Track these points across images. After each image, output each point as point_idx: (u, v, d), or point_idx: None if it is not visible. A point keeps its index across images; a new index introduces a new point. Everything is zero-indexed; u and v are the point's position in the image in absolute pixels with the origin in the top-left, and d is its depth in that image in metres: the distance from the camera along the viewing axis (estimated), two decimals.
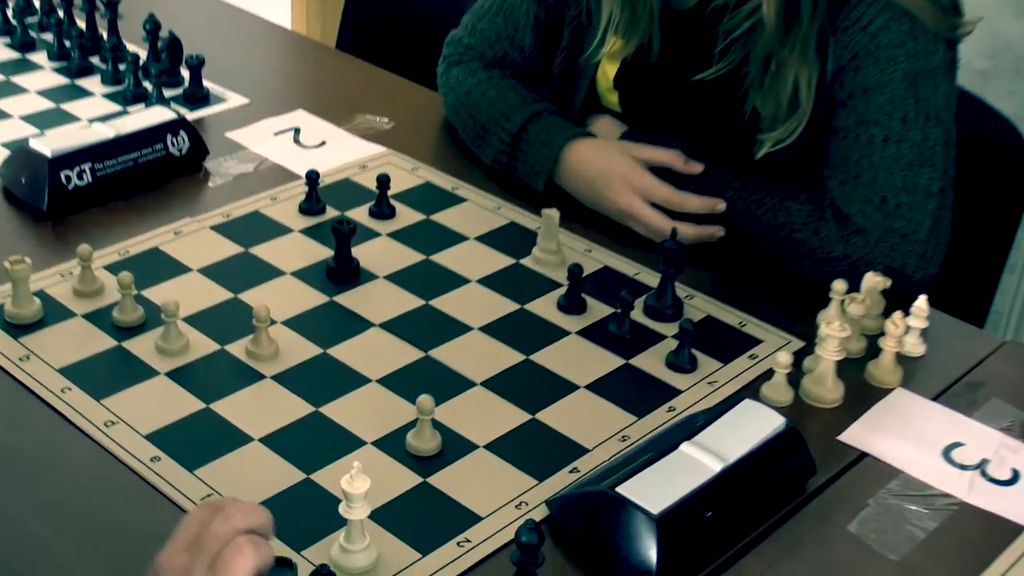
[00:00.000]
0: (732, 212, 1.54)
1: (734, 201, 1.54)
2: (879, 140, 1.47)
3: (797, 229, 1.50)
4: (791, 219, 1.51)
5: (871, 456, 1.27)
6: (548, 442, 1.26)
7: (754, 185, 1.54)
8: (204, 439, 1.24)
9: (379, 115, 1.89)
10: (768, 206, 1.52)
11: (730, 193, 1.55)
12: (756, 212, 1.53)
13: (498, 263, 1.55)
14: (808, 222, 1.50)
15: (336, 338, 1.39)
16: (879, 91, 1.46)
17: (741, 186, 1.54)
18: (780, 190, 1.53)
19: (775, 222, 1.51)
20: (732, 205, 1.54)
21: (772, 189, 1.53)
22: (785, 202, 1.52)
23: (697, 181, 1.57)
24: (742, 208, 1.54)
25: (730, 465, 1.14)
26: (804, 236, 1.50)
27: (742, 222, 1.54)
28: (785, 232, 1.51)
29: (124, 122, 1.70)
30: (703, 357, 1.39)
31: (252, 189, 1.68)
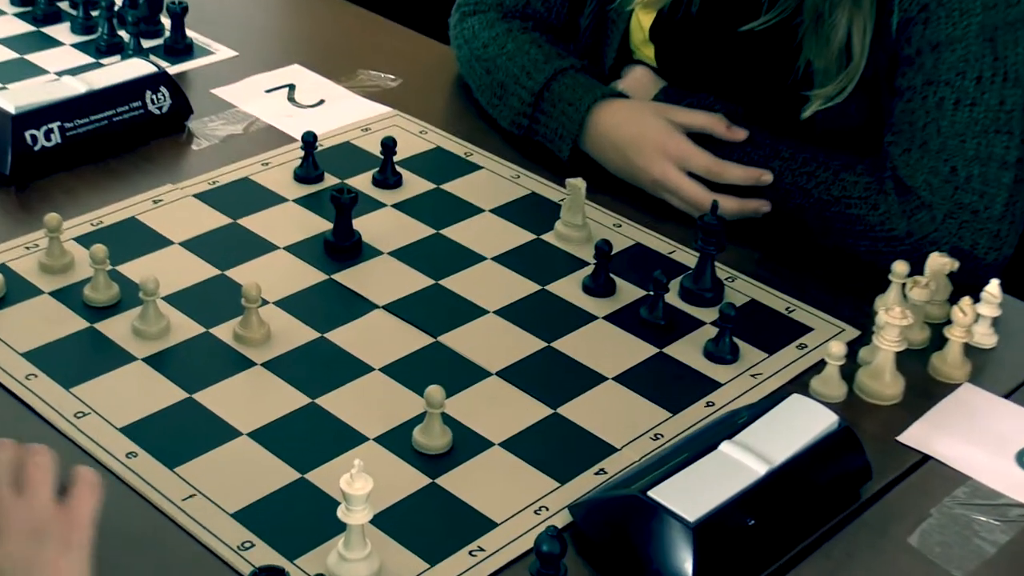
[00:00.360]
0: (780, 184, 1.54)
1: (782, 172, 1.54)
2: (950, 103, 1.46)
3: (853, 204, 1.50)
4: (846, 193, 1.51)
5: (934, 460, 1.27)
6: (572, 440, 1.26)
7: (805, 154, 1.54)
8: (186, 433, 1.24)
9: (384, 71, 1.89)
10: (820, 178, 1.52)
11: (778, 163, 1.55)
12: (807, 185, 1.52)
13: (516, 239, 1.55)
14: (866, 196, 1.50)
15: (335, 321, 1.39)
16: (951, 47, 1.46)
17: (791, 155, 1.54)
18: (835, 160, 1.53)
19: (828, 196, 1.51)
20: (780, 176, 1.54)
21: (825, 159, 1.53)
22: (840, 174, 1.51)
23: (741, 149, 1.57)
24: (791, 180, 1.54)
25: (776, 468, 1.15)
26: (861, 212, 1.50)
27: (791, 196, 1.54)
28: (839, 208, 1.51)
29: (97, 76, 1.70)
30: (746, 346, 1.39)
31: (241, 153, 1.68)
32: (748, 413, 1.21)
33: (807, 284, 1.49)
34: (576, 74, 1.67)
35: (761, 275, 1.50)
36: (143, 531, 1.14)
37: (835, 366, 1.32)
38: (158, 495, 1.17)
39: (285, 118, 1.77)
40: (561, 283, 1.47)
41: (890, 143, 1.51)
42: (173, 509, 1.16)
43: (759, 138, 1.57)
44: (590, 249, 1.48)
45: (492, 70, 1.73)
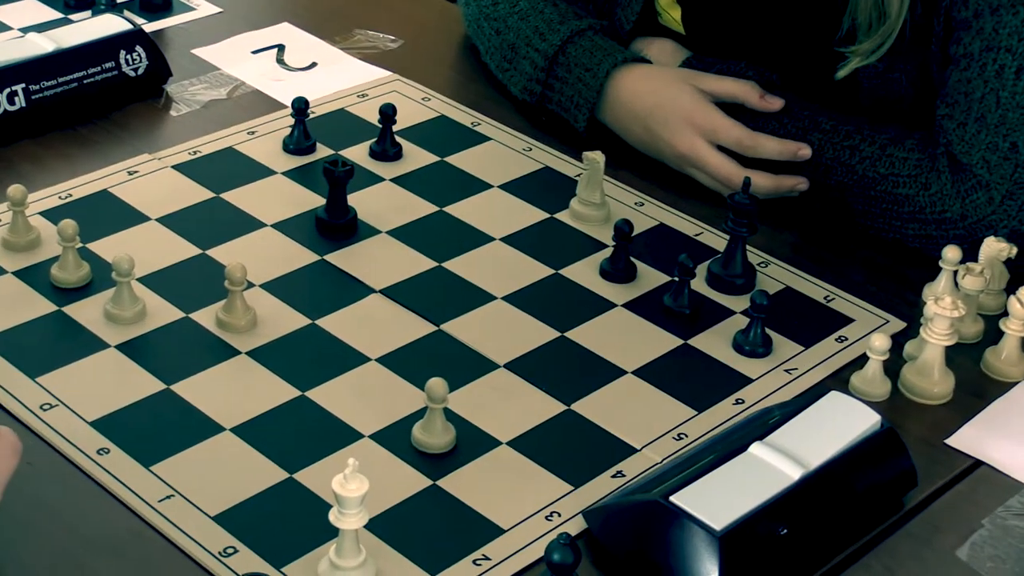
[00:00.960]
0: (820, 160, 1.55)
1: (822, 146, 1.55)
2: (1011, 71, 1.47)
3: (902, 182, 1.51)
4: (894, 170, 1.51)
5: (987, 465, 1.28)
6: (587, 439, 1.27)
7: (848, 127, 1.55)
8: (163, 428, 1.25)
9: (383, 31, 1.90)
10: (865, 153, 1.53)
11: (818, 136, 1.55)
12: (850, 161, 1.53)
13: (528, 217, 1.56)
14: (916, 174, 1.51)
15: (327, 306, 1.41)
16: (1013, 9, 1.46)
17: (832, 128, 1.55)
18: (881, 134, 1.54)
19: (874, 173, 1.52)
20: (820, 151, 1.55)
21: (871, 132, 1.54)
22: (887, 148, 1.52)
23: (777, 120, 1.58)
24: (832, 155, 1.54)
25: (811, 472, 1.16)
26: (910, 192, 1.51)
27: (832, 172, 1.55)
28: (886, 186, 1.52)
29: (66, 33, 1.72)
30: (779, 338, 1.40)
31: (225, 120, 1.69)
32: (781, 412, 1.22)
33: (848, 270, 1.51)
34: (595, 36, 1.68)
35: (797, 260, 1.51)
36: (115, 534, 1.15)
37: (878, 361, 1.33)
38: (132, 495, 1.18)
39: (273, 82, 1.78)
40: (576, 267, 1.49)
41: (944, 116, 1.51)
42: (148, 511, 1.17)
43: (797, 109, 1.58)
44: (609, 230, 1.49)
45: (502, 31, 1.74)
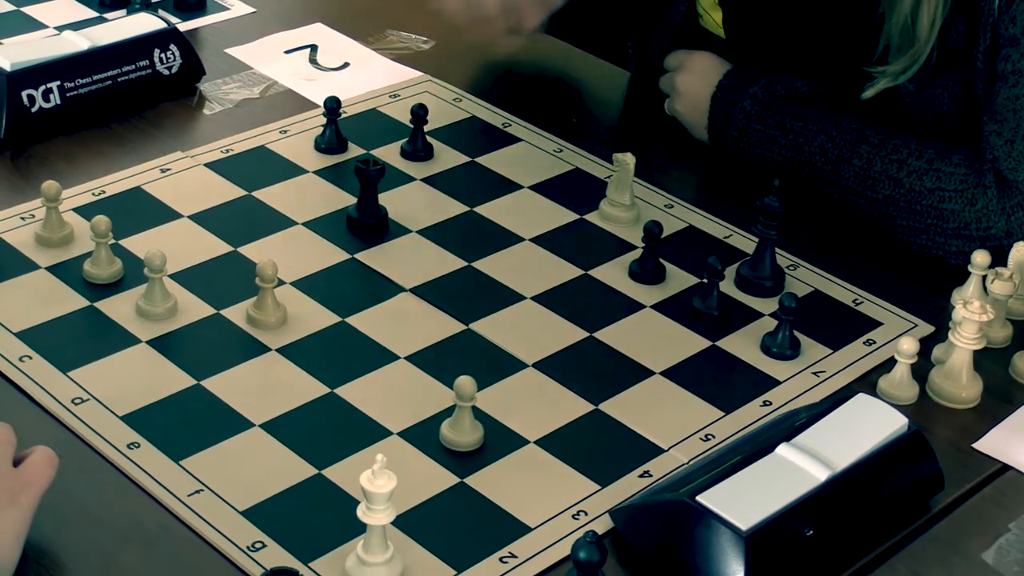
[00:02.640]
0: (868, 173, 1.54)
1: (871, 159, 1.54)
2: None
3: (948, 197, 1.49)
4: (940, 184, 1.50)
5: (1014, 470, 1.28)
6: (614, 439, 1.28)
7: (896, 141, 1.53)
8: (193, 423, 1.26)
9: (416, 32, 1.91)
10: (913, 167, 1.51)
11: (865, 148, 1.54)
12: (897, 174, 1.52)
13: (558, 218, 1.56)
14: (962, 189, 1.49)
15: (357, 304, 1.41)
16: None
17: (880, 141, 1.54)
18: (928, 148, 1.52)
19: (920, 187, 1.51)
20: (868, 163, 1.54)
21: (919, 147, 1.52)
22: (935, 163, 1.51)
23: (826, 133, 1.57)
24: (880, 168, 1.53)
25: (838, 474, 1.16)
26: (956, 207, 1.49)
27: (879, 185, 1.53)
28: (932, 200, 1.50)
29: (101, 31, 1.73)
30: (807, 341, 1.40)
31: (257, 119, 1.70)
32: (808, 414, 1.23)
33: (877, 274, 1.50)
34: None
35: (826, 263, 1.51)
36: (145, 528, 1.16)
37: (906, 365, 1.33)
38: (162, 489, 1.19)
39: (306, 82, 1.79)
40: (606, 268, 1.49)
41: (991, 132, 1.49)
42: (178, 505, 1.17)
43: (845, 122, 1.57)
44: (638, 231, 1.49)
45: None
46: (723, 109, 1.64)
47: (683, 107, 1.70)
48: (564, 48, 1.89)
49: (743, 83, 1.64)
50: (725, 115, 1.64)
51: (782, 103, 1.61)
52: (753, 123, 1.61)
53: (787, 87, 1.62)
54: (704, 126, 1.66)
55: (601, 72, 1.89)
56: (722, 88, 1.65)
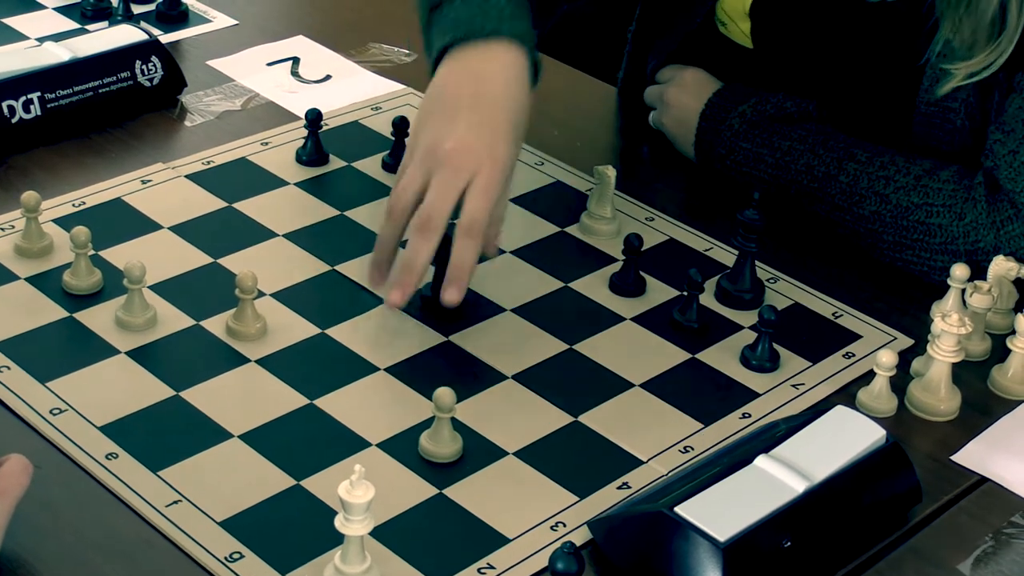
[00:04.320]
0: (855, 189, 1.54)
1: (858, 176, 1.53)
2: None
3: (935, 212, 1.49)
4: (928, 199, 1.49)
5: (992, 482, 1.28)
6: (593, 451, 1.28)
7: (883, 158, 1.53)
8: (172, 434, 1.26)
9: (397, 45, 1.91)
10: (900, 183, 1.51)
11: (853, 166, 1.54)
12: (884, 190, 1.52)
13: (538, 231, 1.57)
14: (951, 204, 1.48)
15: (337, 316, 1.41)
16: None
17: (868, 159, 1.54)
18: (916, 165, 1.52)
19: (908, 202, 1.50)
20: (855, 180, 1.53)
21: (906, 164, 1.52)
22: (922, 179, 1.50)
23: (812, 152, 1.57)
24: (867, 184, 1.53)
25: (816, 485, 1.16)
26: (944, 221, 1.49)
27: (866, 202, 1.53)
28: (919, 215, 1.50)
29: (82, 43, 1.73)
30: (787, 354, 1.40)
31: (239, 131, 1.70)
32: (787, 426, 1.23)
33: (856, 287, 1.51)
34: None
35: (806, 276, 1.52)
36: (123, 539, 1.16)
37: (885, 377, 1.33)
38: (140, 500, 1.19)
39: (288, 94, 1.79)
40: (586, 280, 1.49)
41: (996, 141, 1.48)
42: (156, 516, 1.17)
43: (832, 141, 1.57)
44: (619, 244, 1.50)
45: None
46: (711, 126, 1.64)
47: (670, 121, 1.70)
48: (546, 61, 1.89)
49: (732, 101, 1.64)
50: (713, 132, 1.64)
51: (770, 122, 1.61)
52: (741, 141, 1.62)
53: (776, 106, 1.62)
54: (691, 142, 1.67)
55: (583, 86, 1.89)
56: (711, 105, 1.65)
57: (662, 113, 1.71)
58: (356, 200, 1.58)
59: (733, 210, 1.48)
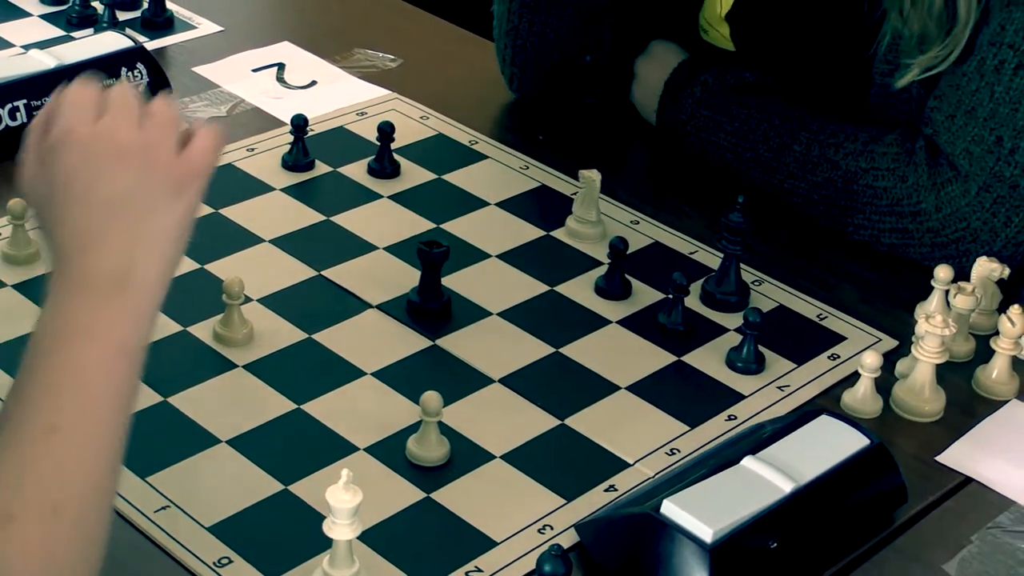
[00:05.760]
0: (808, 157, 1.57)
1: (810, 144, 1.57)
2: (1010, 67, 1.47)
3: (881, 175, 1.53)
4: (874, 164, 1.53)
5: (976, 482, 1.28)
6: (580, 454, 1.28)
7: (833, 126, 1.57)
8: (160, 440, 1.26)
9: (383, 50, 1.91)
10: (848, 149, 1.55)
11: (805, 135, 1.58)
12: (834, 156, 1.55)
13: (524, 235, 1.57)
14: (894, 167, 1.52)
15: (324, 321, 1.41)
16: (1022, 6, 1.46)
17: (819, 127, 1.58)
18: (863, 131, 1.56)
19: (856, 168, 1.54)
20: (808, 148, 1.57)
21: (854, 131, 1.56)
22: (869, 145, 1.54)
23: (768, 122, 1.60)
24: (819, 152, 1.56)
25: (802, 486, 1.16)
26: (888, 184, 1.52)
27: (819, 168, 1.56)
28: (867, 179, 1.53)
29: (68, 50, 1.73)
30: (772, 356, 1.41)
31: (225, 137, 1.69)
32: (773, 427, 1.23)
33: (841, 289, 1.51)
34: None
35: (790, 278, 1.52)
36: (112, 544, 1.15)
37: (869, 379, 1.34)
38: (128, 506, 1.19)
39: (273, 100, 1.79)
40: (572, 284, 1.49)
41: (933, 108, 1.52)
42: (144, 521, 1.17)
43: (787, 111, 1.60)
44: (604, 247, 1.50)
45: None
46: (674, 94, 1.67)
47: (639, 91, 1.74)
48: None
49: (695, 71, 1.68)
50: (675, 99, 1.67)
51: (730, 92, 1.65)
52: (702, 108, 1.65)
53: (736, 76, 1.66)
54: (655, 109, 1.70)
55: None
56: (676, 74, 1.69)
57: (634, 85, 1.75)
58: (342, 205, 1.59)
59: (717, 213, 1.48)
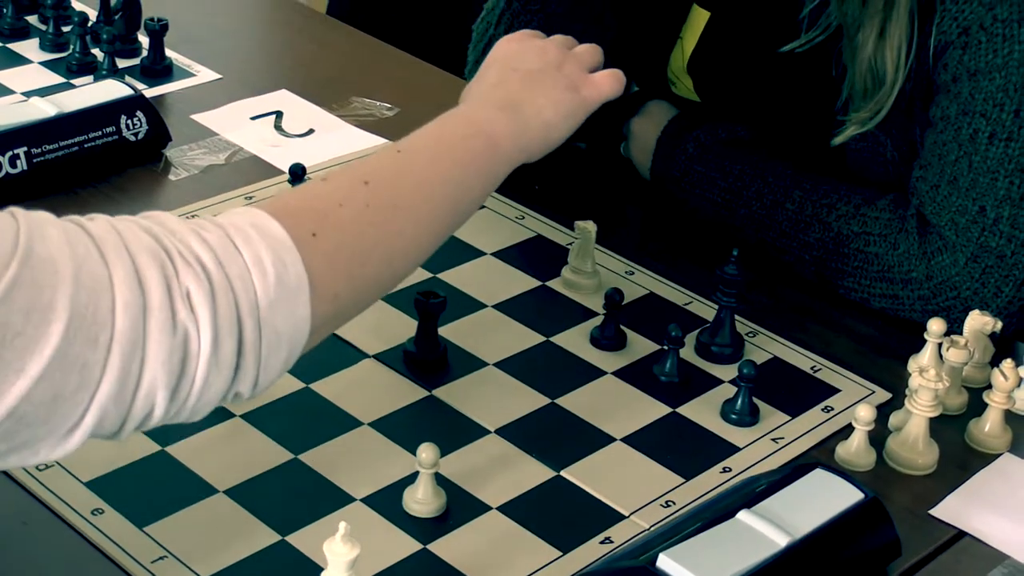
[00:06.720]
0: (801, 216, 1.57)
1: (803, 203, 1.57)
2: (984, 136, 1.49)
3: (872, 241, 1.53)
4: (866, 228, 1.53)
5: (970, 536, 1.29)
6: (575, 505, 1.28)
7: (826, 186, 1.57)
8: (157, 489, 1.26)
9: (380, 99, 1.92)
10: (841, 211, 1.55)
11: (798, 193, 1.58)
12: (827, 218, 1.55)
13: (520, 285, 1.57)
14: (886, 233, 1.53)
15: (321, 371, 1.41)
16: (989, 75, 1.48)
17: (812, 186, 1.58)
18: (856, 194, 1.56)
19: (848, 231, 1.54)
20: (801, 207, 1.57)
21: (847, 192, 1.56)
22: (861, 208, 1.54)
23: (762, 179, 1.60)
24: (811, 212, 1.56)
25: (797, 540, 1.16)
26: (879, 251, 1.52)
27: (811, 229, 1.56)
28: (858, 244, 1.54)
29: (68, 98, 1.73)
30: (766, 408, 1.41)
31: (223, 185, 1.71)
32: (767, 480, 1.23)
33: (835, 341, 1.52)
34: None
35: (785, 330, 1.52)
36: None
37: (863, 431, 1.34)
38: (125, 556, 1.19)
39: (271, 148, 1.79)
40: (567, 334, 1.50)
41: (918, 178, 1.53)
42: (142, 572, 1.17)
43: (780, 167, 1.60)
44: (600, 298, 1.50)
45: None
46: (667, 150, 1.67)
47: (634, 148, 1.74)
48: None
49: (688, 127, 1.68)
50: (669, 156, 1.67)
51: (723, 147, 1.65)
52: (695, 164, 1.65)
53: (729, 131, 1.66)
54: (648, 167, 1.70)
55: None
56: (668, 130, 1.69)
57: (629, 142, 1.74)
58: None
59: (713, 265, 1.49)
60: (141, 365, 0.95)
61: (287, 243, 1.03)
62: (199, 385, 0.98)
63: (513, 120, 1.26)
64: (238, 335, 0.99)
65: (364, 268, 1.10)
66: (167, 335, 0.95)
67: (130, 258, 0.95)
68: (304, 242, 1.04)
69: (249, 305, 0.99)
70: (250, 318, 0.99)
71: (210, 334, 0.97)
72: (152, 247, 0.97)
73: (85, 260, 0.93)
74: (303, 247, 1.04)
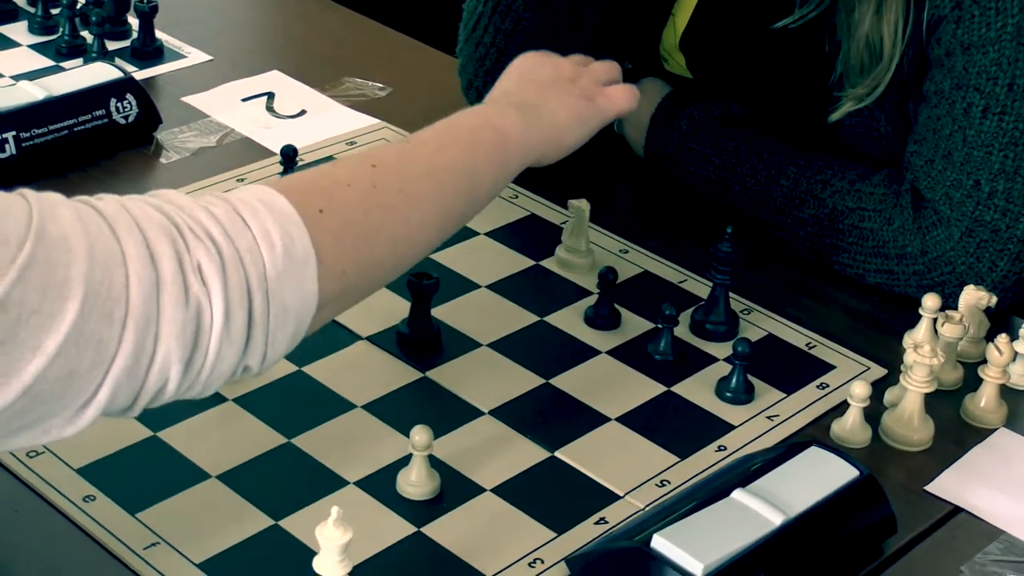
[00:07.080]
0: (795, 192, 1.57)
1: (798, 179, 1.57)
2: (978, 110, 1.48)
3: (867, 217, 1.53)
4: (861, 204, 1.53)
5: (966, 512, 1.28)
6: (570, 486, 1.28)
7: (821, 162, 1.57)
8: (149, 475, 1.26)
9: (372, 79, 1.91)
10: (836, 187, 1.55)
11: (793, 170, 1.57)
12: (821, 194, 1.55)
13: (514, 265, 1.57)
14: (881, 209, 1.52)
15: (313, 353, 1.41)
16: (983, 49, 1.47)
17: (806, 162, 1.57)
18: (851, 170, 1.56)
19: (843, 207, 1.54)
20: (795, 184, 1.57)
21: (842, 168, 1.56)
22: (856, 184, 1.54)
23: (757, 155, 1.60)
24: (806, 188, 1.56)
25: (793, 519, 1.16)
26: (874, 226, 1.52)
27: (805, 205, 1.56)
28: (853, 219, 1.53)
29: (57, 81, 1.73)
30: (761, 385, 1.41)
31: (214, 167, 1.70)
32: (762, 459, 1.23)
33: (830, 318, 1.51)
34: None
35: (779, 307, 1.52)
36: None
37: (858, 408, 1.34)
38: (118, 543, 1.18)
39: (263, 129, 1.79)
40: (561, 314, 1.49)
41: (912, 152, 1.53)
42: (134, 559, 1.17)
43: (775, 144, 1.60)
44: (594, 277, 1.50)
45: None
46: (661, 128, 1.67)
47: (628, 126, 1.73)
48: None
49: (681, 104, 1.68)
50: (663, 133, 1.67)
51: (717, 124, 1.65)
52: (689, 141, 1.65)
53: (723, 108, 1.66)
54: (642, 144, 1.70)
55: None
56: (662, 107, 1.69)
57: (623, 120, 1.73)
58: None
59: (707, 242, 1.48)
60: (155, 339, 0.95)
61: (294, 217, 1.04)
62: (212, 358, 0.99)
63: (523, 117, 1.28)
64: (248, 307, 1.00)
65: (371, 250, 1.11)
66: (180, 309, 0.96)
67: (141, 234, 0.96)
68: (311, 218, 1.05)
69: (259, 278, 1.00)
70: (259, 291, 1.01)
71: (222, 307, 0.98)
72: (163, 223, 0.97)
73: (98, 237, 0.94)
74: (310, 223, 1.05)
